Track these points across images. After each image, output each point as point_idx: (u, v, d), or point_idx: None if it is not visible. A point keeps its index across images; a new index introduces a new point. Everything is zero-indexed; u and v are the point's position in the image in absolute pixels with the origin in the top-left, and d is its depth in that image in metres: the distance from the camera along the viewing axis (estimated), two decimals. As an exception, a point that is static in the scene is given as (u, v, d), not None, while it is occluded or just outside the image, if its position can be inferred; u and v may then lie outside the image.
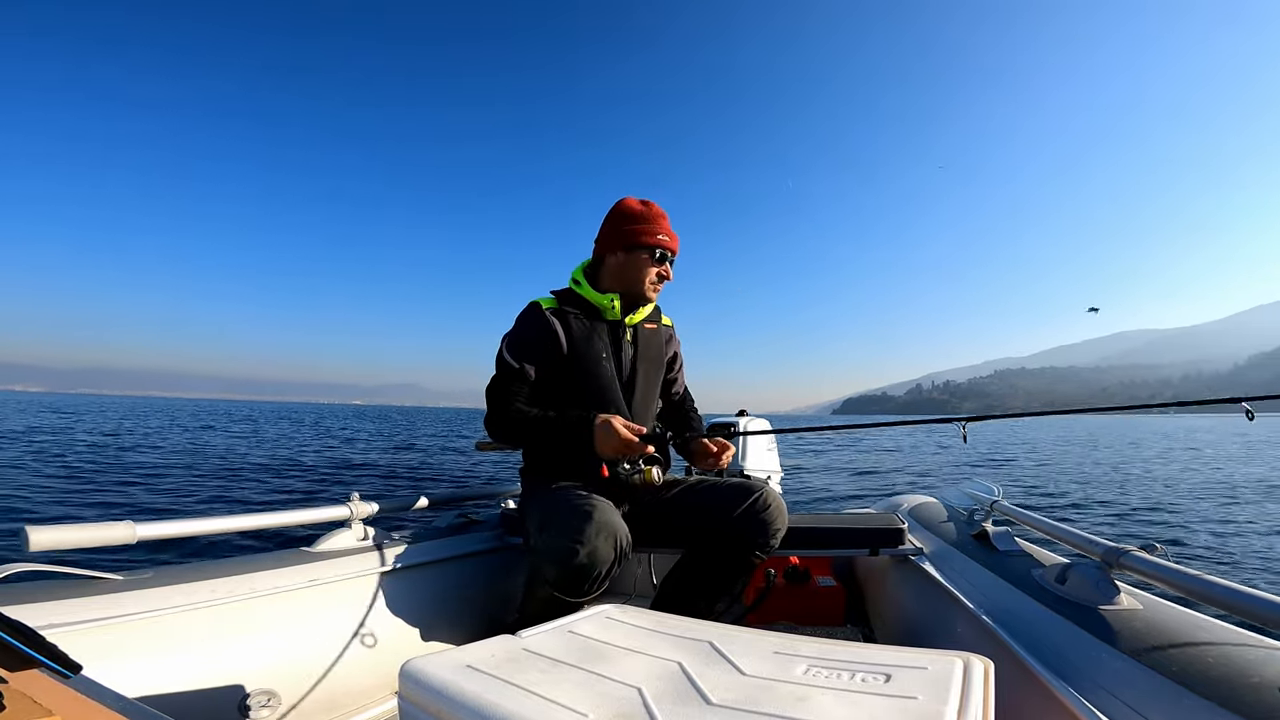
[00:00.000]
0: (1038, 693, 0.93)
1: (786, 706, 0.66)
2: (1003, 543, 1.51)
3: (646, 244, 1.56)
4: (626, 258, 1.59)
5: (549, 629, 0.95)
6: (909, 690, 0.68)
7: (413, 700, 0.75)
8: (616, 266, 1.60)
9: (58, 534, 1.04)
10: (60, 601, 1.02)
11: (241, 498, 7.73)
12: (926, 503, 2.18)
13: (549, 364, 1.54)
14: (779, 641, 0.87)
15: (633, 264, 1.58)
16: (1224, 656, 0.81)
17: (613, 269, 1.60)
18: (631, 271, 1.59)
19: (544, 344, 1.53)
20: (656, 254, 1.58)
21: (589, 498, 1.34)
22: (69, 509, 6.23)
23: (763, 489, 1.47)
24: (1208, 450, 20.28)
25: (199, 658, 1.12)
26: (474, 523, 1.91)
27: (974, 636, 1.19)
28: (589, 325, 1.57)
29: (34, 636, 0.59)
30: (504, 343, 1.56)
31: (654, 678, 0.75)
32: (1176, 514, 7.09)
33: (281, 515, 1.42)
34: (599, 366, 1.54)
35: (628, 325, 1.61)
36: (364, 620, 1.41)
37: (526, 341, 1.54)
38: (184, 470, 9.95)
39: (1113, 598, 1.06)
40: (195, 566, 1.27)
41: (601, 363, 1.55)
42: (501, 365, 1.54)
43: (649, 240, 1.56)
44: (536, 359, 1.53)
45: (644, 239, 1.57)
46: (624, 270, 1.59)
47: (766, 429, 2.51)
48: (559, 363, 1.53)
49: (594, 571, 1.23)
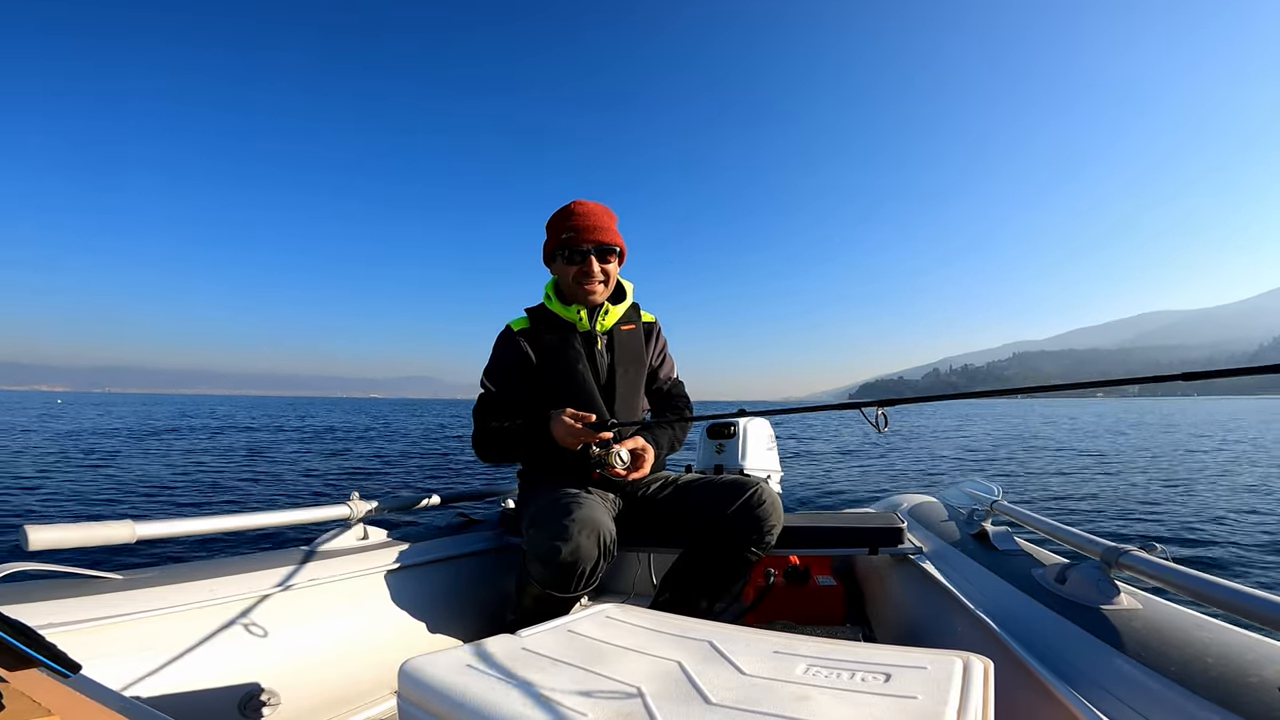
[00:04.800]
0: (1037, 692, 0.93)
1: (786, 706, 0.66)
2: (1002, 542, 1.51)
3: (556, 249, 1.60)
4: (553, 269, 1.66)
5: (549, 628, 0.95)
6: (909, 690, 0.68)
7: (412, 700, 0.75)
8: (558, 279, 1.66)
9: (57, 533, 1.04)
10: (60, 601, 1.02)
11: (241, 497, 7.74)
12: (926, 502, 2.18)
13: (527, 384, 1.59)
14: (779, 641, 0.87)
15: (559, 274, 1.64)
16: (1224, 656, 0.81)
17: (558, 282, 1.66)
18: (562, 282, 1.63)
19: (518, 366, 1.59)
20: (566, 254, 1.58)
21: (576, 496, 1.35)
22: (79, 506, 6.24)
23: (757, 485, 1.47)
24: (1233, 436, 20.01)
25: (199, 657, 1.12)
26: (473, 522, 1.91)
27: (974, 636, 1.19)
28: (561, 339, 1.60)
29: (33, 636, 0.59)
30: (484, 369, 1.63)
31: (654, 677, 0.75)
32: (1176, 511, 7.10)
33: (281, 515, 1.42)
34: (575, 378, 1.57)
35: (600, 332, 1.63)
36: (364, 620, 1.41)
37: (501, 367, 1.61)
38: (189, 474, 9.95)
39: (1112, 597, 1.06)
40: (195, 566, 1.27)
41: (577, 373, 1.57)
42: (481, 390, 1.61)
43: (553, 245, 1.61)
44: (513, 382, 1.59)
45: (550, 246, 1.62)
46: (561, 282, 1.64)
47: (766, 429, 2.51)
48: (537, 381, 1.59)
49: (578, 568, 1.24)
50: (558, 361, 1.58)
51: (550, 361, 1.58)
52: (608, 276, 1.61)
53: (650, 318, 1.78)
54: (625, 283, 1.71)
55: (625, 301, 1.68)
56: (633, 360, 1.66)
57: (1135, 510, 7.28)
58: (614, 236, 1.60)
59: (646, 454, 1.51)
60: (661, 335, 1.79)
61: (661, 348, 1.78)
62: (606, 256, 1.59)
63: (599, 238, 1.56)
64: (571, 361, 1.58)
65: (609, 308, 1.64)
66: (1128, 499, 8.20)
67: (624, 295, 1.69)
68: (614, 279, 1.65)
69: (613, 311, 1.65)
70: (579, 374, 1.57)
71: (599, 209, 1.61)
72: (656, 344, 1.76)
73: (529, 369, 1.59)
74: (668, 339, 1.81)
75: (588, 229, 1.56)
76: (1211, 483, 9.64)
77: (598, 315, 1.63)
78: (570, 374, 1.57)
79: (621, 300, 1.68)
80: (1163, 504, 7.67)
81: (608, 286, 1.63)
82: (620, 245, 1.62)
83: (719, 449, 2.38)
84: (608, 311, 1.64)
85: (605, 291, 1.62)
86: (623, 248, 1.63)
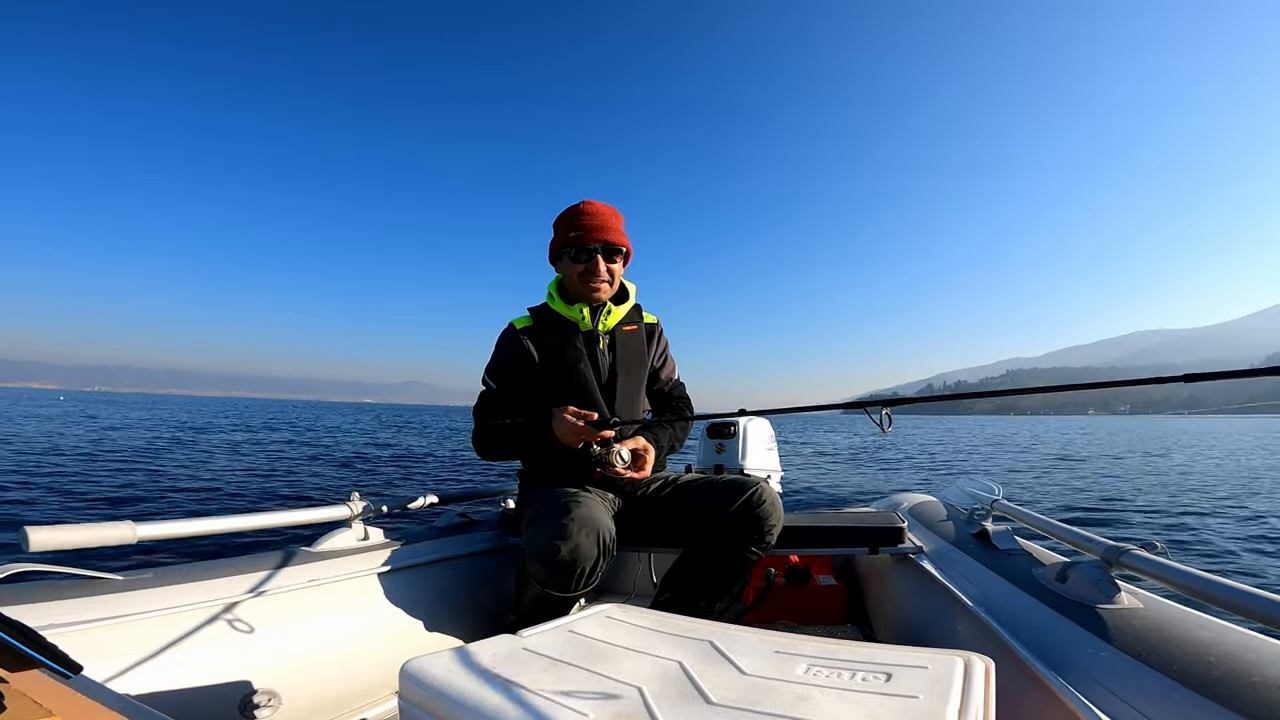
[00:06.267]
0: (1038, 692, 0.93)
1: (787, 706, 0.66)
2: (1003, 541, 1.50)
3: (563, 247, 1.61)
4: (559, 267, 1.67)
5: (549, 628, 0.95)
6: (910, 689, 0.68)
7: (413, 700, 0.75)
8: (564, 278, 1.67)
9: (58, 534, 1.04)
10: (60, 602, 1.02)
11: (241, 498, 7.74)
12: (927, 501, 2.17)
13: (528, 383, 1.60)
14: (779, 641, 0.87)
15: (565, 272, 1.65)
16: (1224, 656, 0.81)
17: (564, 281, 1.67)
18: (569, 280, 1.64)
19: (520, 365, 1.60)
20: (573, 253, 1.59)
21: (575, 495, 1.36)
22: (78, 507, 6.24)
23: (758, 485, 1.47)
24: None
25: (199, 658, 1.12)
26: (474, 522, 1.91)
27: (974, 635, 1.19)
28: (563, 338, 1.61)
29: (34, 637, 0.59)
30: (486, 367, 1.63)
31: (654, 677, 0.75)
32: (1177, 512, 7.10)
33: (281, 515, 1.42)
34: (577, 377, 1.57)
35: (602, 332, 1.63)
36: (365, 620, 1.41)
37: (503, 365, 1.61)
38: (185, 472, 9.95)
39: (1113, 596, 1.05)
40: (195, 566, 1.27)
41: (579, 372, 1.58)
42: (483, 388, 1.61)
43: (561, 243, 1.62)
44: (514, 380, 1.60)
45: (557, 244, 1.64)
46: (566, 281, 1.65)
47: (766, 429, 2.52)
48: (538, 380, 1.59)
49: (578, 567, 1.24)
50: (560, 360, 1.59)
51: (552, 360, 1.59)
52: (613, 276, 1.62)
53: (652, 319, 1.79)
54: (628, 284, 1.72)
55: (628, 302, 1.70)
56: (634, 360, 1.67)
57: (1135, 510, 7.28)
58: (620, 237, 1.61)
59: (648, 455, 1.51)
60: (663, 337, 1.80)
61: (663, 349, 1.79)
62: (613, 256, 1.60)
63: (606, 237, 1.58)
64: (573, 360, 1.58)
65: (612, 308, 1.65)
66: (1127, 498, 8.21)
67: (627, 296, 1.71)
68: (619, 279, 1.66)
69: (615, 312, 1.66)
70: (581, 373, 1.58)
71: (607, 209, 1.63)
72: (658, 345, 1.77)
73: (531, 367, 1.59)
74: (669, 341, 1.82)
75: (595, 228, 1.57)
76: (1211, 486, 9.64)
77: (600, 315, 1.64)
78: (572, 373, 1.57)
79: (624, 301, 1.69)
80: (1162, 504, 7.67)
81: (612, 286, 1.64)
82: (626, 246, 1.63)
83: (719, 449, 2.38)
84: (610, 311, 1.65)
85: (609, 291, 1.64)
86: (629, 249, 1.65)
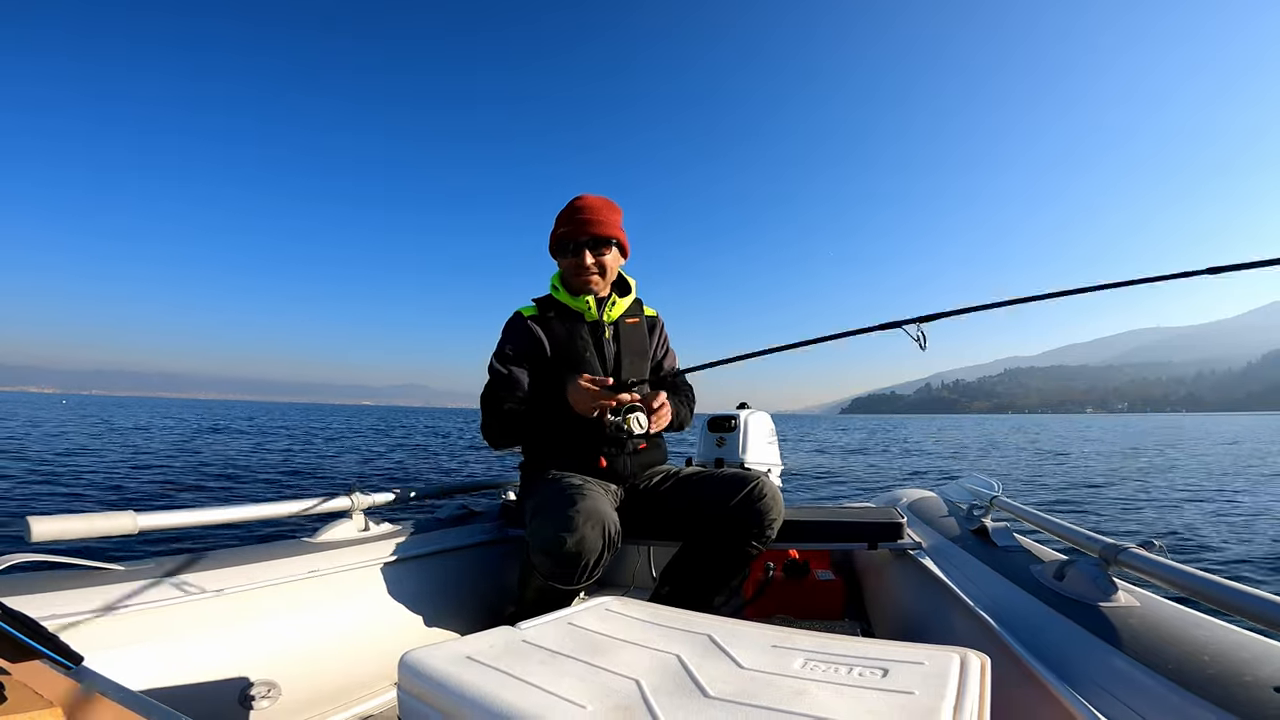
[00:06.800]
0: (1034, 689, 0.94)
1: (784, 700, 0.66)
2: (1002, 538, 1.51)
3: (557, 241, 1.64)
4: (557, 262, 1.69)
5: (548, 620, 0.95)
6: (906, 685, 0.69)
7: (412, 691, 0.75)
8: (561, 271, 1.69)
9: (59, 525, 1.04)
10: (61, 592, 1.03)
11: (241, 488, 7.76)
12: (926, 497, 2.18)
13: (536, 369, 1.61)
14: (777, 635, 0.87)
15: (562, 266, 1.67)
16: (1220, 655, 0.81)
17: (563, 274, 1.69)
18: (565, 273, 1.66)
19: (530, 350, 1.61)
20: (564, 246, 1.62)
21: (580, 487, 1.36)
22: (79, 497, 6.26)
23: (759, 479, 1.47)
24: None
25: (200, 649, 1.13)
26: (474, 514, 1.92)
27: (971, 632, 1.19)
28: (570, 327, 1.62)
29: (35, 627, 0.59)
30: (494, 353, 1.64)
31: (652, 670, 0.75)
32: (1176, 510, 7.11)
33: (282, 506, 1.42)
34: (584, 365, 1.58)
35: (607, 323, 1.65)
36: (364, 611, 1.42)
37: (511, 350, 1.62)
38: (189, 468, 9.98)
39: (1111, 595, 1.06)
40: (196, 557, 1.28)
41: (586, 361, 1.59)
42: (492, 373, 1.61)
43: (555, 238, 1.65)
44: (524, 365, 1.61)
45: (552, 239, 1.66)
46: (565, 274, 1.67)
47: (767, 423, 2.52)
48: (546, 367, 1.60)
49: (583, 560, 1.24)
50: (567, 349, 1.60)
51: (559, 349, 1.60)
52: (603, 268, 1.63)
53: (652, 312, 1.81)
54: (628, 278, 1.74)
55: (630, 295, 1.72)
56: (638, 351, 1.69)
57: (1135, 510, 7.29)
58: (610, 229, 1.61)
59: (665, 407, 1.53)
60: (664, 329, 1.82)
61: (664, 341, 1.82)
62: (601, 249, 1.61)
63: (593, 230, 1.59)
64: (580, 350, 1.60)
65: (615, 299, 1.67)
66: (1127, 500, 8.21)
67: (628, 289, 1.72)
68: (612, 271, 1.67)
69: (619, 303, 1.68)
70: (587, 362, 1.59)
71: (600, 203, 1.63)
72: (659, 337, 1.80)
73: (540, 354, 1.61)
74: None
75: (582, 222, 1.59)
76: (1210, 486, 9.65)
77: (605, 306, 1.65)
78: (579, 362, 1.59)
79: (627, 294, 1.71)
80: (1162, 505, 7.68)
81: (604, 278, 1.65)
82: (617, 237, 1.64)
83: (720, 442, 2.39)
84: (614, 303, 1.67)
85: (601, 283, 1.65)
86: (622, 240, 1.65)
